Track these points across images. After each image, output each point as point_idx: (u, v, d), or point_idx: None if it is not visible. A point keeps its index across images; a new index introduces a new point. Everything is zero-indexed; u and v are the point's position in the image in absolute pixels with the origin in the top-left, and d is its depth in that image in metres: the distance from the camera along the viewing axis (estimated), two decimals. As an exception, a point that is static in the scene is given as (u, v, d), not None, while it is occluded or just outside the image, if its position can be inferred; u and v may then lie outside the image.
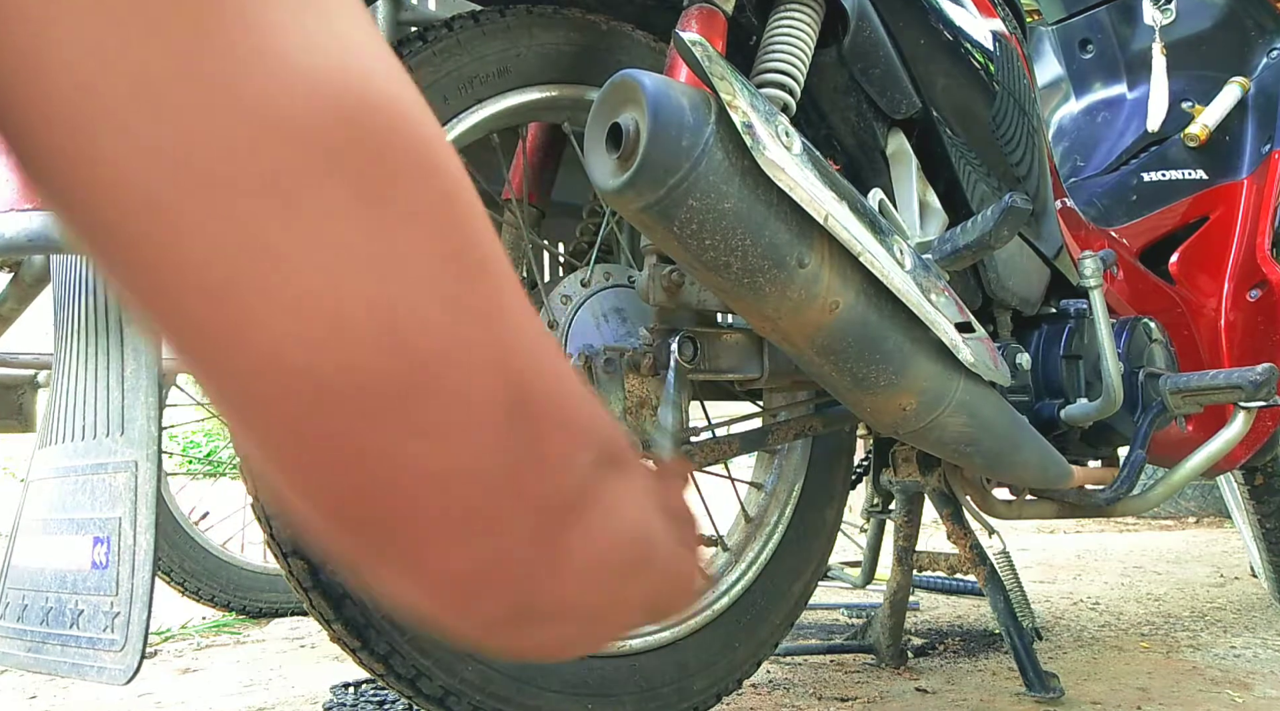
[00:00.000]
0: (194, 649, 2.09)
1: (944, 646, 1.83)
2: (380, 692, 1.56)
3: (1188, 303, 1.75)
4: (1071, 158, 2.01)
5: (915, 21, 1.20)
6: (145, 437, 0.83)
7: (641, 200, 0.83)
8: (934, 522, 3.39)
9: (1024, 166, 1.37)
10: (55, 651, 0.87)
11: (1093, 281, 1.32)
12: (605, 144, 0.85)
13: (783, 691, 1.54)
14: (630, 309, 1.16)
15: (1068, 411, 1.36)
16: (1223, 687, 1.52)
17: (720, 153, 0.83)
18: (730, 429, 1.30)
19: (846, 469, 1.40)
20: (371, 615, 0.95)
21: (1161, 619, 2.09)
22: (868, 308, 0.95)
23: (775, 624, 1.29)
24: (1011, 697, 1.47)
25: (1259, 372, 1.35)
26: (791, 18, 1.05)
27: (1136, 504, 1.45)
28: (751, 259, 0.87)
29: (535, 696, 1.05)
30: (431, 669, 0.99)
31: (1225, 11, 1.92)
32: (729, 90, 0.84)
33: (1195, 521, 4.26)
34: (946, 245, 1.06)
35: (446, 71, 1.04)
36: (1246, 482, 2.10)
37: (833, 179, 0.90)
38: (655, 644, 1.17)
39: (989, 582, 1.53)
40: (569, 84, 1.13)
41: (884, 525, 2.07)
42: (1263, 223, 1.80)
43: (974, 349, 1.03)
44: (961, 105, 1.27)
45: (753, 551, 1.30)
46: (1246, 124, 1.88)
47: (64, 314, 0.98)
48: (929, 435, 1.09)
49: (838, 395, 1.05)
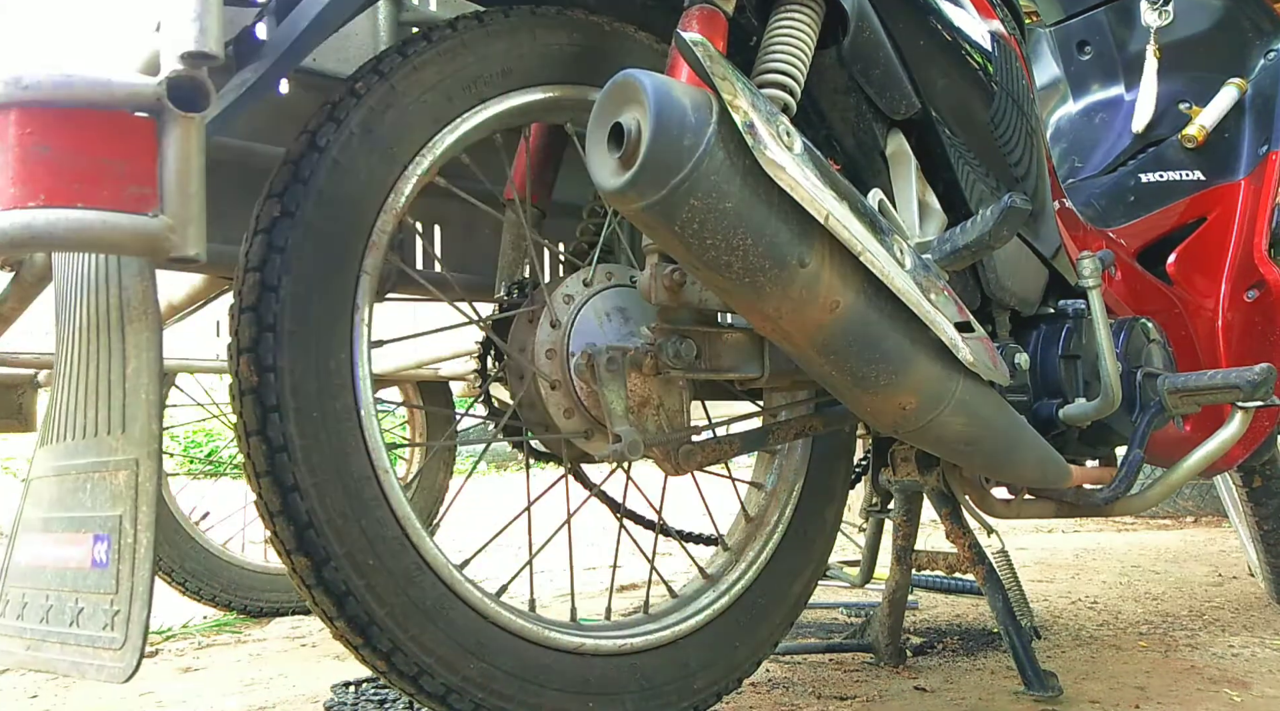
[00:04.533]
0: (195, 648, 2.09)
1: (943, 645, 1.83)
2: (381, 691, 1.56)
3: (1185, 303, 1.75)
4: (1069, 159, 2.01)
5: (915, 23, 1.20)
6: (146, 435, 0.84)
7: (643, 200, 0.83)
8: (933, 522, 3.40)
9: (1022, 167, 1.37)
10: (55, 649, 0.87)
11: (1091, 282, 1.33)
12: (607, 144, 0.85)
13: (782, 690, 1.54)
14: (632, 308, 1.16)
15: (1066, 411, 1.36)
16: (1221, 686, 1.53)
17: (722, 152, 0.84)
18: (730, 429, 1.31)
19: (846, 468, 1.41)
20: (374, 612, 0.96)
21: (1160, 618, 2.09)
22: (868, 307, 0.96)
23: (775, 623, 1.30)
24: (1010, 696, 1.48)
25: (1256, 373, 1.36)
26: (792, 18, 1.06)
27: (1134, 503, 1.45)
28: (753, 258, 0.88)
29: (537, 694, 1.06)
30: (434, 666, 0.99)
31: (1223, 13, 1.92)
32: (730, 90, 0.84)
33: (1193, 521, 4.27)
34: (946, 245, 1.06)
35: (451, 72, 1.04)
36: (1245, 484, 2.10)
37: (833, 179, 0.91)
38: (656, 643, 1.18)
39: (987, 582, 1.54)
40: (571, 84, 1.13)
41: (883, 524, 2.08)
42: (1260, 223, 1.81)
43: (973, 348, 1.04)
44: (960, 106, 1.28)
45: (753, 551, 1.31)
46: (1244, 125, 1.88)
47: (66, 313, 0.98)
48: (928, 434, 1.09)
49: (838, 394, 1.06)
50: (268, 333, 0.93)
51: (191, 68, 0.72)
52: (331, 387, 0.96)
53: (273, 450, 0.92)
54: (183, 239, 0.72)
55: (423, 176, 1.04)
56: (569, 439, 1.16)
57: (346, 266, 0.98)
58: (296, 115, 1.17)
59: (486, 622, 1.03)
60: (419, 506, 2.26)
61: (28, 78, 0.69)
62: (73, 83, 0.70)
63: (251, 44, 0.99)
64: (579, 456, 1.22)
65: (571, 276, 1.17)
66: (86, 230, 0.69)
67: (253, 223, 0.96)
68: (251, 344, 0.93)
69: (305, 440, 0.93)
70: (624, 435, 1.05)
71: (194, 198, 0.73)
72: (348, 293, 0.98)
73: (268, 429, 0.92)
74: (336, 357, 0.96)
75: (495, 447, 7.34)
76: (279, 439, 0.92)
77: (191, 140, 0.73)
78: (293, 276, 0.94)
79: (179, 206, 0.72)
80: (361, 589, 0.95)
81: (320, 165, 0.96)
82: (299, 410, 0.93)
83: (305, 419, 0.94)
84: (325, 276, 0.96)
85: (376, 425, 0.99)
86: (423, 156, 1.03)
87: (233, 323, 0.95)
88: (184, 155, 0.72)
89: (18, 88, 0.69)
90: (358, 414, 0.97)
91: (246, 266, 0.95)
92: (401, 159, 1.02)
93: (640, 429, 1.10)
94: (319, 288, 0.96)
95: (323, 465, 0.94)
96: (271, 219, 0.95)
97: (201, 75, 0.73)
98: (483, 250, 1.50)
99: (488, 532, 1.18)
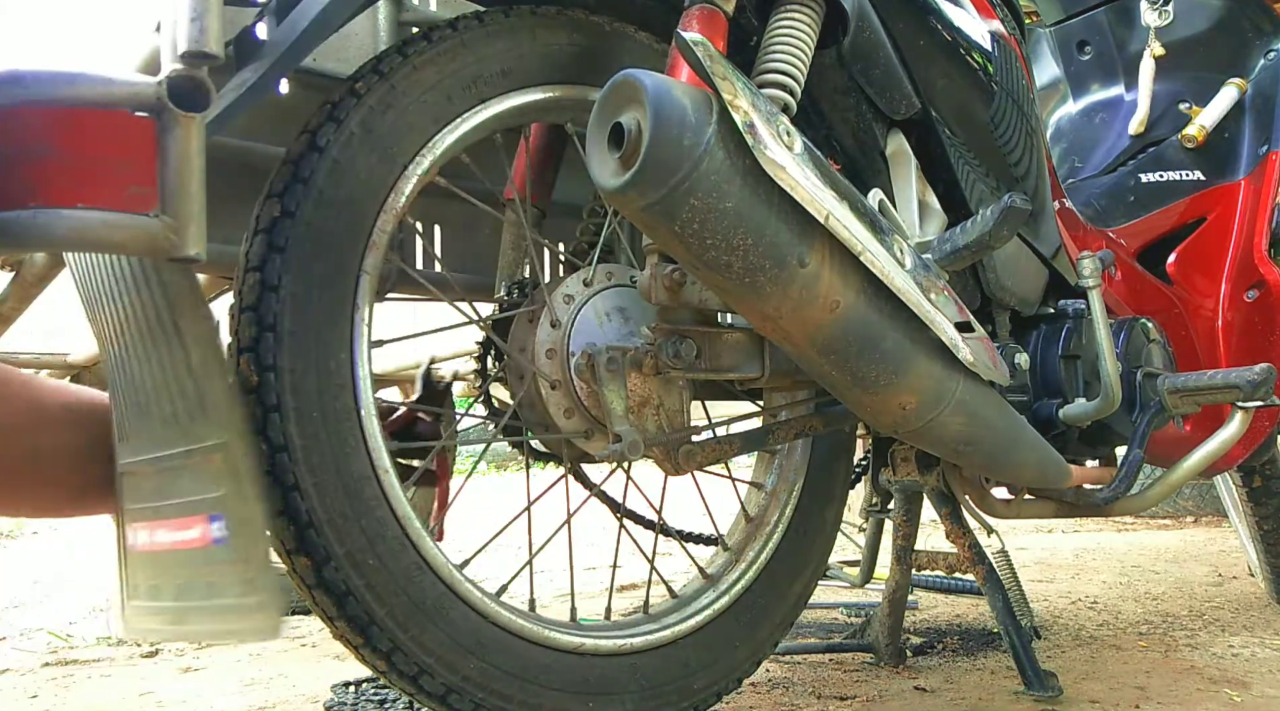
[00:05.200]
0: (195, 647, 2.09)
1: (943, 645, 1.83)
2: (381, 691, 1.56)
3: (1185, 303, 1.75)
4: (1069, 159, 2.01)
5: (915, 23, 1.20)
6: (229, 417, 0.85)
7: (643, 200, 0.83)
8: (933, 522, 3.40)
9: (1022, 167, 1.37)
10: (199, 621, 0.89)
11: (1091, 282, 1.33)
12: (607, 144, 0.85)
13: (782, 690, 1.54)
14: (632, 308, 1.16)
15: (1066, 411, 1.36)
16: (1220, 686, 1.53)
17: (722, 152, 0.84)
18: (730, 429, 1.31)
19: (846, 468, 1.41)
20: (374, 612, 0.96)
21: (1159, 618, 2.09)
22: (868, 307, 0.96)
23: (775, 623, 1.30)
24: (1010, 696, 1.48)
25: (1256, 372, 1.36)
26: (792, 18, 1.06)
27: (1134, 503, 1.45)
28: (753, 258, 0.88)
29: (537, 694, 1.06)
30: (434, 666, 0.99)
31: (1223, 13, 1.92)
32: (730, 90, 0.84)
33: (1193, 521, 4.27)
34: (946, 245, 1.06)
35: (451, 72, 1.04)
36: (1245, 485, 2.10)
37: (833, 179, 0.91)
38: (656, 643, 1.18)
39: (987, 581, 1.54)
40: (572, 84, 1.13)
41: (883, 524, 2.08)
42: (1260, 223, 1.81)
43: (973, 348, 1.04)
44: (960, 106, 1.28)
45: (753, 551, 1.31)
46: (1244, 125, 1.88)
47: (103, 315, 0.98)
48: (928, 434, 1.09)
49: (838, 394, 1.06)
50: (268, 332, 0.93)
51: (191, 67, 0.72)
52: (331, 387, 0.96)
53: (273, 450, 0.93)
54: (183, 239, 0.72)
55: (423, 176, 1.04)
56: (569, 439, 1.16)
57: (346, 266, 0.98)
58: (297, 115, 1.17)
59: (486, 622, 1.03)
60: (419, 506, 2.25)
61: (28, 77, 0.69)
62: (73, 82, 0.70)
63: (252, 44, 0.99)
64: (579, 456, 1.22)
65: (571, 276, 1.17)
66: (87, 230, 0.69)
67: (253, 222, 0.96)
68: (252, 343, 0.93)
69: (305, 440, 0.93)
70: (624, 435, 1.05)
71: (194, 197, 0.73)
72: (348, 292, 0.98)
73: (268, 429, 0.92)
74: (336, 357, 0.97)
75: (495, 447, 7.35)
76: (279, 439, 0.93)
77: (191, 140, 0.73)
78: (293, 276, 0.94)
79: (179, 206, 0.72)
80: (362, 589, 0.95)
81: (320, 165, 0.96)
82: (299, 410, 0.93)
83: (305, 419, 0.94)
84: (325, 276, 0.96)
85: (377, 425, 0.99)
86: (423, 156, 1.03)
87: (233, 322, 0.96)
88: (184, 155, 0.72)
89: (18, 87, 0.69)
90: (358, 414, 0.97)
91: (247, 266, 0.95)
92: (401, 159, 1.02)
93: (640, 429, 1.10)
94: (319, 287, 0.96)
95: (323, 465, 0.94)
96: (271, 219, 0.95)
97: (201, 75, 0.73)
98: (483, 250, 1.50)
99: (488, 532, 1.18)
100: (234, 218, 1.11)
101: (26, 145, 0.69)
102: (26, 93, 0.69)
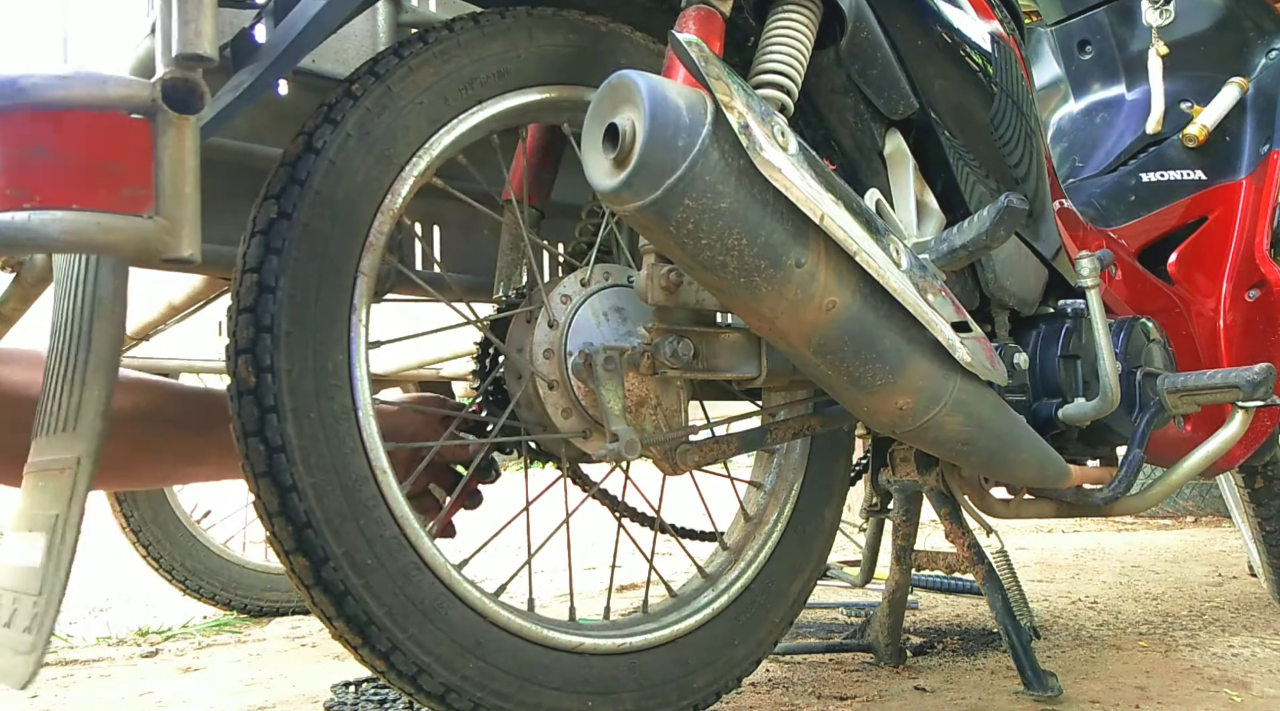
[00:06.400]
0: (195, 647, 2.10)
1: (942, 645, 1.83)
2: (381, 691, 1.56)
3: (1186, 303, 1.75)
4: (1070, 158, 2.01)
5: (913, 23, 1.20)
6: (91, 433, 0.82)
7: (638, 200, 0.83)
8: (932, 522, 3.40)
9: (1022, 167, 1.37)
10: None
11: (1090, 281, 1.33)
12: (602, 145, 0.85)
13: (782, 690, 1.54)
14: (630, 308, 1.16)
15: (1065, 411, 1.36)
16: (1221, 686, 1.53)
17: (716, 153, 0.84)
18: (729, 428, 1.31)
19: (845, 467, 1.41)
20: (373, 612, 0.96)
21: (1160, 618, 2.09)
22: (864, 307, 0.96)
23: (774, 622, 1.30)
24: (1010, 696, 1.48)
25: (1257, 372, 1.35)
26: (789, 19, 1.06)
27: (1134, 503, 1.45)
28: (748, 259, 0.88)
29: (536, 693, 1.06)
30: (433, 665, 0.99)
31: (1224, 12, 1.92)
32: (725, 91, 0.84)
33: (1193, 521, 4.26)
34: (943, 245, 1.06)
35: (447, 73, 1.04)
36: (1246, 485, 2.10)
37: (829, 179, 0.91)
38: (655, 642, 1.18)
39: (987, 581, 1.54)
40: (568, 85, 1.13)
41: (882, 524, 2.08)
42: (1261, 223, 1.81)
43: (970, 348, 1.04)
44: (959, 106, 1.28)
45: (752, 550, 1.30)
46: (1245, 124, 1.88)
47: (56, 314, 0.98)
48: (926, 434, 1.09)
49: (835, 394, 1.06)
50: (265, 333, 0.93)
51: (185, 70, 0.72)
52: (329, 388, 0.96)
53: (270, 451, 0.93)
54: (177, 240, 0.73)
55: (420, 177, 1.04)
56: (567, 439, 1.16)
57: (343, 268, 0.98)
58: (295, 117, 1.17)
59: (485, 622, 1.04)
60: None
61: (23, 79, 0.69)
62: (68, 84, 0.70)
63: (249, 45, 0.99)
64: (577, 456, 1.22)
65: (569, 276, 1.17)
66: (81, 231, 0.69)
67: (250, 224, 0.96)
68: (249, 345, 0.93)
69: (303, 441, 0.93)
70: (621, 434, 1.06)
71: (189, 199, 0.73)
72: (345, 294, 0.98)
73: (265, 430, 0.93)
74: (334, 358, 0.97)
75: (498, 447, 7.32)
76: (277, 439, 0.93)
77: (186, 142, 0.73)
78: (290, 277, 0.94)
79: (174, 208, 0.72)
80: (360, 588, 0.95)
81: (317, 167, 0.96)
82: (296, 411, 0.93)
83: (303, 419, 0.94)
84: (322, 278, 0.96)
85: (374, 426, 0.99)
86: (420, 157, 1.03)
87: (230, 323, 0.96)
88: (179, 157, 0.72)
89: (13, 89, 0.69)
90: (356, 414, 0.98)
91: (244, 267, 0.95)
92: (398, 160, 1.02)
93: (638, 428, 1.10)
94: (316, 289, 0.96)
95: (320, 465, 0.94)
96: (269, 220, 0.95)
97: (196, 77, 0.73)
98: (481, 251, 1.50)
99: (486, 532, 1.18)
100: (234, 218, 1.11)
101: (21, 146, 0.69)
102: (21, 94, 0.69)
